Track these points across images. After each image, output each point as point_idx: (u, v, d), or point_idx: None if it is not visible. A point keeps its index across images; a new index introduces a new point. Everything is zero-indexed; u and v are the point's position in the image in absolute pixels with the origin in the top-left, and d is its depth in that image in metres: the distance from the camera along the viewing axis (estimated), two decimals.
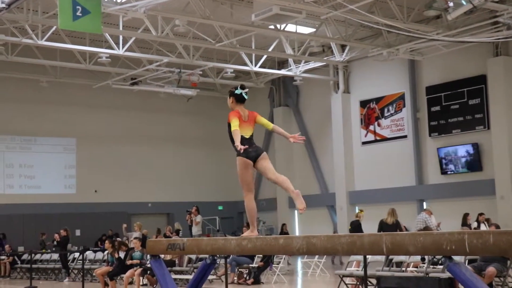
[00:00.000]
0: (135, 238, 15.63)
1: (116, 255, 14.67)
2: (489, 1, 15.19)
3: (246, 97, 6.84)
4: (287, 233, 23.20)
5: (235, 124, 6.60)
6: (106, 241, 15.81)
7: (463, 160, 22.14)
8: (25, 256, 21.44)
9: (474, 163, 21.82)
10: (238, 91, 6.79)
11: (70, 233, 21.07)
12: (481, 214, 18.07)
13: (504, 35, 18.52)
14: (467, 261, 11.06)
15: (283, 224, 23.94)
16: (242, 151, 6.39)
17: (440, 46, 21.12)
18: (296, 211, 28.23)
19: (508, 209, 20.39)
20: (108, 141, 27.87)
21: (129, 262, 14.15)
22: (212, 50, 22.94)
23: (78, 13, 14.57)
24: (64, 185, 27.20)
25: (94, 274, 16.26)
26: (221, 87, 29.15)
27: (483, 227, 17.22)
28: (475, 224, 17.61)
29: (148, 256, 12.98)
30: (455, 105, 22.28)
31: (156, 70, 23.95)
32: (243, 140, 6.56)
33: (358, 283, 13.00)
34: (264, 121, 6.93)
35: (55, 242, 20.64)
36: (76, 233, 25.43)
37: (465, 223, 17.54)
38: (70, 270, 19.35)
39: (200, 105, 29.14)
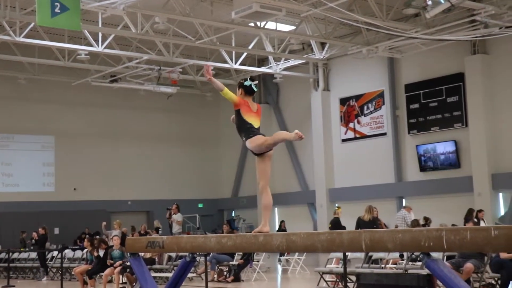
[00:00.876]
0: (115, 236, 15.55)
1: (95, 254, 14.60)
2: (466, 0, 15.33)
3: (255, 89, 6.54)
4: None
5: (232, 94, 6.35)
6: (85, 239, 15.73)
7: (442, 157, 22.32)
8: (2, 255, 21.23)
9: (453, 160, 22.01)
10: (247, 83, 6.49)
11: (49, 232, 20.92)
12: (480, 210, 17.99)
13: (481, 33, 18.70)
14: (445, 257, 11.16)
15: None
16: (208, 75, 6.29)
17: (419, 44, 21.27)
18: (276, 208, 28.28)
19: (485, 206, 20.57)
20: (87, 138, 27.69)
21: (109, 262, 14.08)
22: (192, 47, 22.88)
23: (57, 10, 14.49)
24: (42, 183, 26.98)
25: (73, 272, 16.17)
26: (201, 85, 29.10)
27: (482, 224, 17.18)
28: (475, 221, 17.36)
29: (128, 254, 12.94)
30: (433, 103, 22.45)
31: (136, 68, 23.86)
32: (254, 129, 6.39)
33: (337, 280, 13.07)
34: None
35: (33, 241, 20.49)
36: (54, 231, 25.26)
37: (470, 218, 17.24)
38: (48, 269, 19.21)
39: (180, 102, 29.07)
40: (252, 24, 19.90)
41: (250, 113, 6.46)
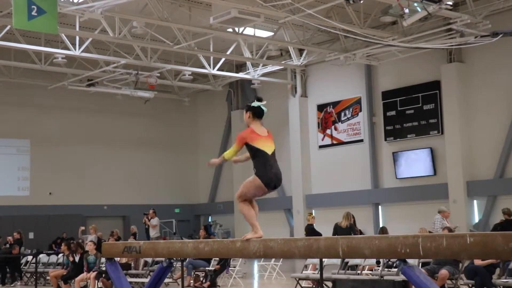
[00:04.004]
0: (90, 241, 15.45)
1: (71, 258, 14.50)
2: (443, 9, 15.47)
3: (265, 109, 6.02)
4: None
5: (230, 154, 6.05)
6: (63, 244, 15.62)
7: (418, 164, 22.47)
8: None
9: (428, 167, 22.17)
10: (255, 104, 5.97)
11: (24, 236, 20.71)
12: None
13: (457, 42, 18.91)
14: (420, 264, 11.25)
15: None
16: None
17: (396, 51, 21.43)
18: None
19: (460, 213, 20.79)
20: (64, 142, 27.45)
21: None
22: (170, 52, 22.83)
23: (34, 13, 14.35)
24: (17, 187, 26.67)
25: (48, 276, 16.00)
26: (179, 90, 29.06)
27: None
28: None
29: (103, 259, 12.87)
30: (410, 110, 22.63)
31: (113, 72, 23.72)
32: (266, 158, 6.03)
33: (314, 286, 13.11)
34: None
35: (8, 245, 20.25)
36: (29, 236, 24.98)
37: None
38: (22, 274, 19.00)
39: (157, 107, 28.97)
40: (230, 30, 19.92)
41: (259, 138, 6.01)
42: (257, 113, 6.01)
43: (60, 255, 17.62)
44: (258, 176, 6.00)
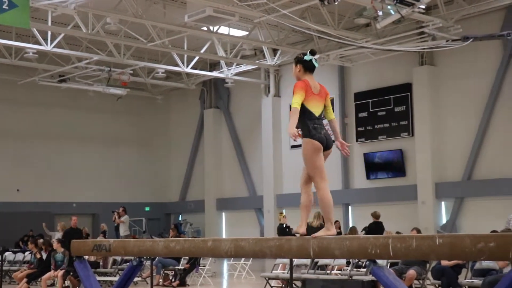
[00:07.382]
0: (57, 239, 15.29)
1: (38, 255, 14.33)
2: (416, 12, 15.63)
3: (316, 64, 5.64)
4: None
5: (297, 100, 5.40)
6: (30, 242, 15.45)
7: (388, 165, 22.66)
8: None
9: (398, 168, 22.37)
10: (307, 57, 5.54)
11: None
12: None
13: (429, 45, 19.11)
14: (389, 264, 11.35)
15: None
16: (294, 139, 5.45)
17: (369, 53, 21.59)
18: (223, 213, 28.24)
19: (429, 214, 21.03)
20: (33, 138, 27.11)
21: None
22: (144, 49, 22.71)
23: (5, 6, 14.17)
24: None
25: (13, 276, 15.79)
26: (152, 87, 28.90)
27: None
28: None
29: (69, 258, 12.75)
30: (381, 112, 22.80)
31: (86, 68, 23.52)
32: (314, 120, 5.63)
33: (283, 285, 13.14)
34: (329, 107, 5.93)
35: None
36: None
37: None
38: None
39: (130, 104, 28.77)
40: (205, 28, 19.87)
41: (313, 96, 5.60)
42: (308, 67, 5.61)
43: (27, 253, 17.41)
44: (310, 137, 5.72)
